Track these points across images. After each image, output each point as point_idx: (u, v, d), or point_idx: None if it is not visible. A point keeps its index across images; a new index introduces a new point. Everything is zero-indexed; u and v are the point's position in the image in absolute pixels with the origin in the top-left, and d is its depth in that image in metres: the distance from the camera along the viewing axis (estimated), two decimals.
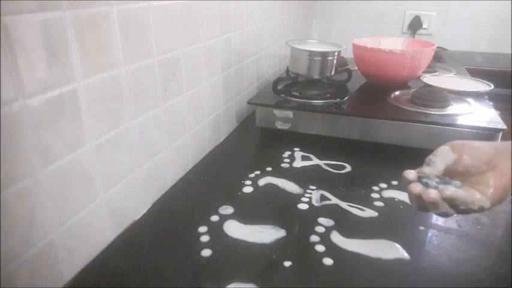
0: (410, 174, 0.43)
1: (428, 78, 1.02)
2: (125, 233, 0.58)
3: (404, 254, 0.53)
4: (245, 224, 0.59)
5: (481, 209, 0.41)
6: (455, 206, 0.40)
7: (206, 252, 0.53)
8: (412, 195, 0.42)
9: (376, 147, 0.83)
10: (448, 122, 0.78)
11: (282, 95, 0.92)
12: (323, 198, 0.66)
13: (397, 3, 1.74)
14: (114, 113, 0.53)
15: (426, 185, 0.41)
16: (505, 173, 0.41)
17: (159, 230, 0.59)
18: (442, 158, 0.44)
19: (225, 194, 0.67)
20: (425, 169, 0.43)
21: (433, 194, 0.40)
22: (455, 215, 0.42)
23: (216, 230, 0.58)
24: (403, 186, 0.69)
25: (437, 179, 0.42)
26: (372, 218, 0.61)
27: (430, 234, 0.58)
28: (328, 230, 0.58)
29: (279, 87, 0.94)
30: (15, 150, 0.39)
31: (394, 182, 0.71)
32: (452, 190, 0.40)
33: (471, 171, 0.43)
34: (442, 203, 0.40)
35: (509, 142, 0.44)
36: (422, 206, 0.42)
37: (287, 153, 0.83)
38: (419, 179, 0.42)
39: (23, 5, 0.38)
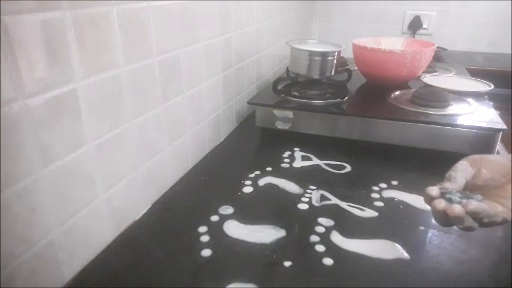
0: (433, 190, 0.43)
1: (428, 78, 1.02)
2: (125, 233, 0.58)
3: (404, 254, 0.53)
4: (245, 224, 0.59)
5: (505, 221, 0.41)
6: (479, 220, 0.40)
7: (206, 252, 0.53)
8: (436, 211, 0.42)
9: (376, 147, 0.83)
10: (448, 122, 0.78)
11: (282, 95, 0.92)
12: (323, 198, 0.66)
13: (397, 3, 1.74)
14: (114, 113, 0.53)
15: (449, 201, 0.41)
16: None
17: (159, 230, 0.59)
18: (461, 173, 0.45)
19: (225, 194, 0.67)
20: (447, 185, 0.44)
21: (457, 209, 0.40)
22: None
23: (216, 230, 0.58)
24: (404, 186, 0.69)
25: (459, 194, 0.42)
26: (372, 218, 0.61)
27: (430, 234, 0.58)
28: (328, 230, 0.58)
29: (279, 87, 0.94)
30: (15, 150, 0.39)
31: (394, 182, 0.71)
32: (475, 204, 0.40)
33: (490, 184, 0.44)
34: (466, 217, 0.40)
35: None
36: (446, 221, 0.42)
37: (287, 153, 0.83)
38: (442, 195, 0.42)
39: (23, 5, 0.38)
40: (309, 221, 0.60)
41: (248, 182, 0.71)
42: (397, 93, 0.96)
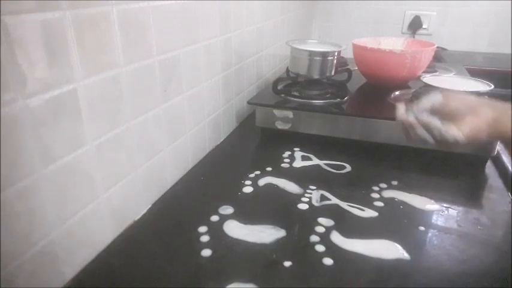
0: (401, 106, 0.53)
1: (428, 78, 1.02)
2: (125, 233, 0.58)
3: (404, 254, 0.53)
4: (245, 224, 0.59)
5: (456, 143, 0.48)
6: (432, 134, 0.49)
7: (206, 252, 0.53)
8: (398, 121, 0.53)
9: (376, 147, 0.83)
10: None
11: (282, 95, 0.92)
12: (323, 198, 0.66)
13: (397, 3, 1.74)
14: (114, 113, 0.53)
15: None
16: (482, 117, 0.49)
17: (159, 230, 0.59)
18: (429, 97, 0.52)
19: (225, 194, 0.67)
20: (413, 104, 0.53)
21: (411, 117, 0.51)
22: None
23: (216, 230, 0.58)
24: (404, 186, 0.69)
25: (422, 113, 0.51)
26: (372, 218, 0.61)
27: (430, 234, 0.58)
28: (328, 230, 0.58)
29: (279, 87, 0.94)
30: (15, 150, 0.39)
31: (394, 182, 0.71)
32: (428, 117, 0.49)
33: (455, 115, 0.50)
34: (418, 126, 0.50)
35: (493, 101, 0.52)
36: (406, 132, 0.52)
37: (287, 153, 0.83)
38: (407, 111, 0.52)
39: (23, 5, 0.38)
40: (309, 221, 0.60)
41: (248, 182, 0.71)
42: (397, 93, 0.95)
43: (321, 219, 0.60)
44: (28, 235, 0.42)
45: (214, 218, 0.60)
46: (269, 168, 0.76)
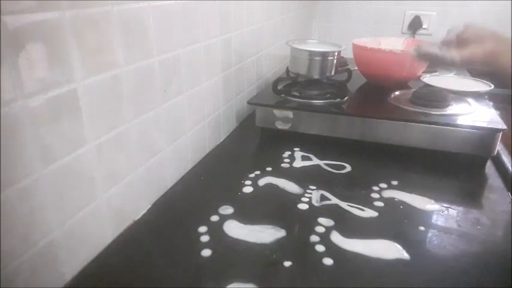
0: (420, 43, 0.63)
1: (428, 78, 1.02)
2: (125, 233, 0.58)
3: (404, 254, 0.53)
4: (245, 224, 0.59)
5: (452, 62, 0.55)
6: (432, 60, 0.59)
7: (206, 252, 0.53)
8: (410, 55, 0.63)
9: (376, 147, 0.83)
10: (448, 122, 0.78)
11: (282, 95, 0.92)
12: (323, 198, 0.66)
13: (397, 3, 1.74)
14: (114, 113, 0.53)
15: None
16: (484, 46, 0.53)
17: (159, 230, 0.59)
18: (451, 28, 0.59)
19: (225, 194, 0.67)
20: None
21: (411, 51, 0.61)
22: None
23: (216, 230, 0.58)
24: (404, 186, 0.69)
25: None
26: (372, 218, 0.61)
27: (430, 234, 0.58)
28: (328, 230, 0.58)
29: (279, 87, 0.94)
30: (15, 150, 0.39)
31: (394, 182, 0.71)
32: (423, 48, 0.58)
33: (467, 41, 0.56)
34: (417, 58, 0.60)
35: (505, 36, 0.54)
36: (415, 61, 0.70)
37: (287, 153, 0.83)
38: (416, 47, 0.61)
39: (23, 5, 0.38)
40: (309, 221, 0.60)
41: (248, 182, 0.71)
42: (397, 93, 0.96)
43: (321, 219, 0.60)
44: (28, 235, 0.42)
45: (214, 218, 0.60)
46: (269, 168, 0.76)
